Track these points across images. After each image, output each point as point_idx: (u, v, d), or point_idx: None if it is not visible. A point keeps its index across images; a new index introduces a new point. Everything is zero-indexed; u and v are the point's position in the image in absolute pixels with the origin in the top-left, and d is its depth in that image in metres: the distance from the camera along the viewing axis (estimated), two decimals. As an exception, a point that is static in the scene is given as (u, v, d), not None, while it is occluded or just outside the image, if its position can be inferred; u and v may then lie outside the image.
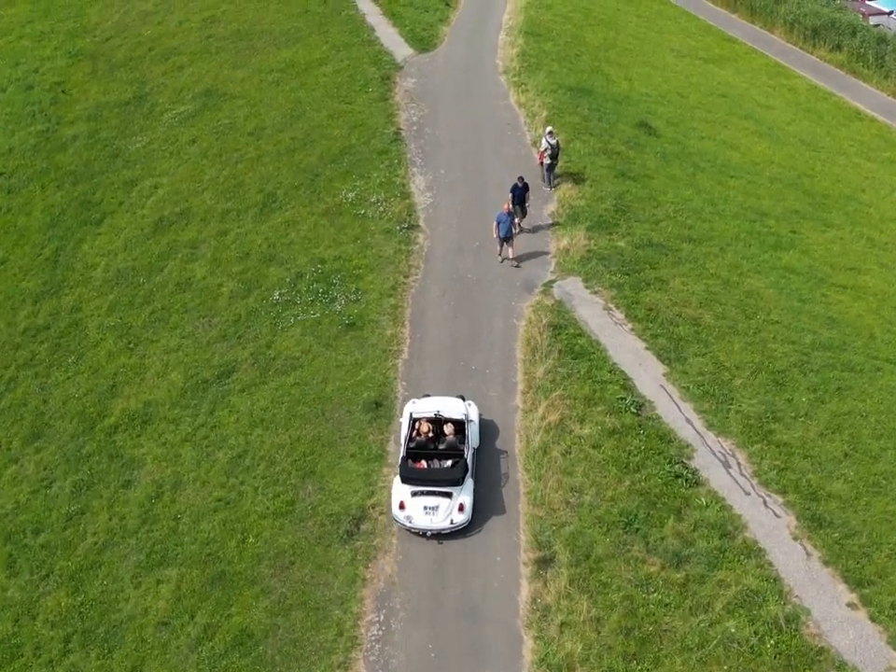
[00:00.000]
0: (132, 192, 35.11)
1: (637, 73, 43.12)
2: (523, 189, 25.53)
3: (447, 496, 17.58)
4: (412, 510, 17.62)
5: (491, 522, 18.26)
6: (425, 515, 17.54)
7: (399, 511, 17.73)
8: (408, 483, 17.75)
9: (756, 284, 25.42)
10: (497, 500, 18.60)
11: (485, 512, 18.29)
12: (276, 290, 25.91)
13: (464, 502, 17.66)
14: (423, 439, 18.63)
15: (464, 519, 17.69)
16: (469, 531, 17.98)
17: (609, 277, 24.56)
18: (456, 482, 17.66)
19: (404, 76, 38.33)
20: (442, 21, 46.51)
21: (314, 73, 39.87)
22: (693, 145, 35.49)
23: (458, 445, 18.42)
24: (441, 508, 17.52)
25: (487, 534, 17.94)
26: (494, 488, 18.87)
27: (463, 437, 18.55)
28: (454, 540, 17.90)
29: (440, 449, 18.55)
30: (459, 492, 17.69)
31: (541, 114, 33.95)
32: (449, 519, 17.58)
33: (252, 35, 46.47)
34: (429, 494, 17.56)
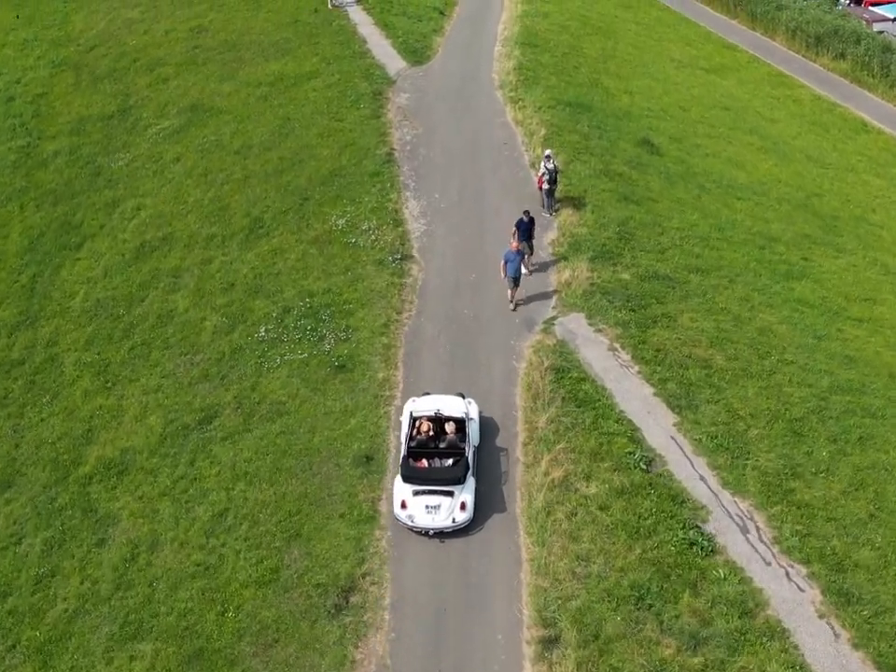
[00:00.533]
0: (113, 214, 33.68)
1: (638, 85, 41.75)
2: (529, 223, 24.14)
3: (449, 494, 17.60)
4: (413, 509, 17.62)
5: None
6: (427, 514, 17.56)
7: (401, 511, 17.71)
8: (409, 483, 17.73)
9: (768, 319, 24.07)
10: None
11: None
12: (262, 326, 24.51)
13: (466, 501, 17.68)
14: (423, 437, 18.58)
15: (466, 517, 17.70)
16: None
17: (613, 314, 23.19)
18: (458, 480, 17.69)
19: (397, 91, 36.91)
20: (436, 31, 45.12)
21: (303, 87, 38.45)
22: (697, 163, 34.14)
23: (459, 444, 18.41)
24: (443, 506, 17.57)
25: (486, 609, 16.56)
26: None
27: (464, 435, 18.51)
28: (452, 616, 16.54)
29: (440, 448, 18.51)
30: (461, 490, 17.71)
31: (539, 132, 32.57)
32: (451, 518, 17.62)
33: (240, 46, 45.04)
34: (431, 493, 17.58)
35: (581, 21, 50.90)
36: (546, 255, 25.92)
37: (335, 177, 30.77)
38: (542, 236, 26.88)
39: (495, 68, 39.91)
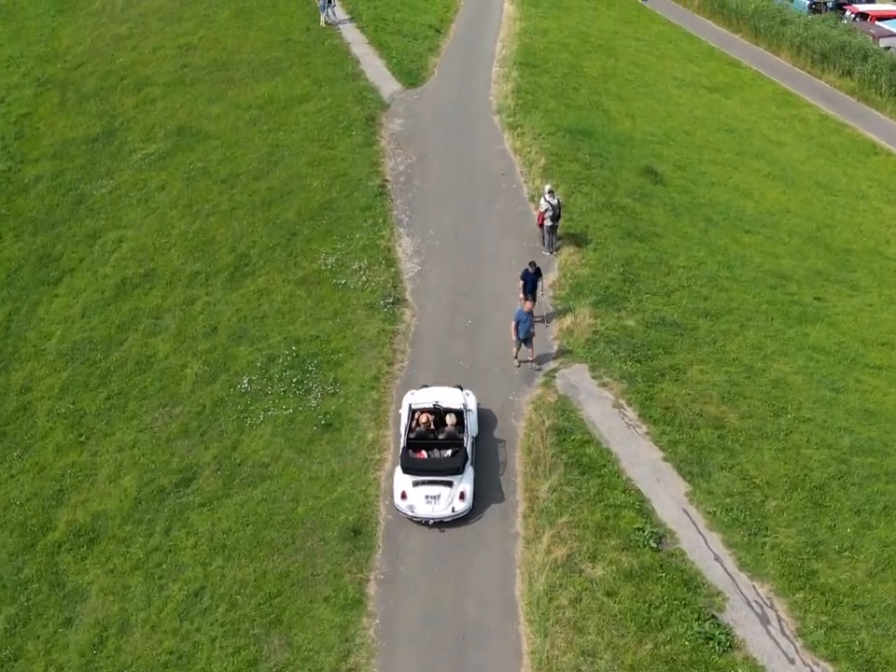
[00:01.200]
0: (94, 246, 32.25)
1: (640, 107, 40.38)
2: (535, 275, 22.66)
3: (448, 484, 17.90)
4: (413, 499, 17.90)
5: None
6: (426, 504, 17.85)
7: (402, 501, 17.97)
8: (409, 474, 18.05)
9: (783, 369, 22.65)
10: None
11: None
12: (245, 376, 23.07)
13: (465, 490, 17.98)
14: (423, 429, 18.84)
15: (465, 507, 18.00)
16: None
17: (618, 366, 21.76)
18: (457, 470, 17.99)
19: (391, 116, 35.50)
20: (432, 50, 43.75)
21: (294, 111, 37.04)
22: (702, 193, 32.74)
23: (458, 435, 18.67)
24: (443, 496, 17.86)
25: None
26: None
27: (462, 426, 18.80)
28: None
29: (439, 439, 18.75)
30: (460, 480, 18.01)
31: (539, 162, 31.18)
32: (451, 507, 17.90)
33: (230, 66, 43.64)
34: (431, 483, 17.89)
35: (581, 38, 49.57)
36: (547, 298, 24.44)
37: (325, 211, 29.36)
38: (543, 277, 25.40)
39: (492, 91, 38.52)
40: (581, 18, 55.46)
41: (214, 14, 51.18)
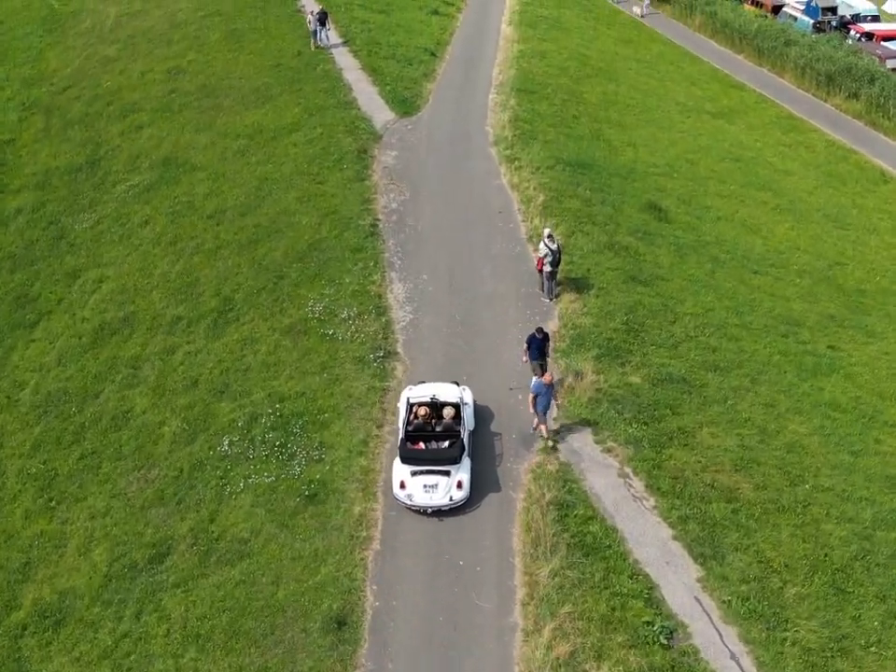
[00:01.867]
0: (73, 286, 30.89)
1: (642, 136, 39.08)
2: (543, 340, 21.09)
3: (446, 474, 18.29)
4: (412, 488, 18.28)
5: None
6: (424, 493, 18.22)
7: (400, 490, 18.34)
8: (407, 463, 18.44)
9: (798, 430, 21.26)
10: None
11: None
12: (226, 437, 21.66)
13: (462, 479, 18.36)
14: (421, 422, 19.27)
15: (462, 496, 18.37)
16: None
17: (623, 428, 20.36)
18: (454, 460, 18.41)
19: (383, 148, 34.17)
20: (427, 75, 42.45)
21: (283, 142, 35.71)
22: (708, 230, 31.39)
23: (455, 427, 19.09)
24: (441, 485, 18.25)
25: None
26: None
27: (459, 419, 19.21)
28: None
29: (437, 431, 19.18)
30: (457, 470, 18.41)
31: (538, 199, 29.84)
32: (448, 496, 18.28)
33: (219, 92, 42.33)
34: (429, 472, 18.26)
35: (581, 61, 48.33)
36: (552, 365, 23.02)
37: (314, 252, 28.00)
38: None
39: (489, 120, 37.21)
40: (581, 39, 54.26)
41: (204, 36, 49.94)
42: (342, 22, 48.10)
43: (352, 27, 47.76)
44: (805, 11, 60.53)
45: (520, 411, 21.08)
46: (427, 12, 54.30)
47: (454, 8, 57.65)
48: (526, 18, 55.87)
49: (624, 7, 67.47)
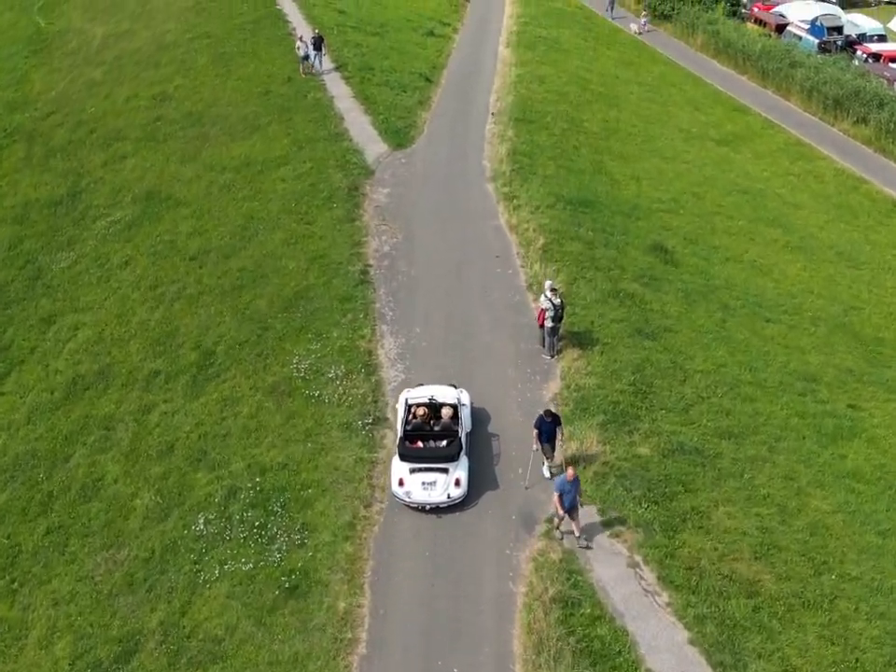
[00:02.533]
0: (48, 333, 29.31)
1: (645, 168, 37.52)
2: (552, 423, 19.26)
3: (444, 471, 18.54)
4: (410, 485, 18.55)
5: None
6: (423, 490, 18.48)
7: (399, 488, 18.61)
8: (406, 461, 18.72)
9: (820, 507, 19.65)
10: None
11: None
12: (202, 514, 20.02)
13: (460, 477, 18.62)
14: (419, 421, 19.55)
15: (460, 493, 18.62)
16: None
17: (632, 508, 18.74)
18: (452, 458, 18.67)
19: (375, 184, 32.58)
20: (422, 103, 40.89)
21: (271, 176, 34.11)
22: (717, 272, 29.80)
23: (453, 427, 19.34)
24: (439, 483, 18.50)
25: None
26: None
27: (457, 419, 19.50)
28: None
29: (435, 430, 19.46)
30: (455, 468, 18.66)
31: (537, 241, 28.27)
32: (446, 493, 18.51)
33: (205, 120, 40.78)
34: (427, 470, 18.52)
35: (581, 86, 46.80)
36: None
37: (300, 301, 26.38)
38: (543, 388, 22.45)
39: (486, 153, 35.65)
40: (580, 61, 52.77)
41: (192, 60, 48.41)
42: (334, 46, 46.55)
43: (345, 51, 46.23)
44: (810, 31, 59.04)
45: (518, 496, 19.44)
46: (423, 33, 52.86)
47: (450, 29, 56.23)
48: (524, 39, 54.40)
49: (622, 23, 66.09)
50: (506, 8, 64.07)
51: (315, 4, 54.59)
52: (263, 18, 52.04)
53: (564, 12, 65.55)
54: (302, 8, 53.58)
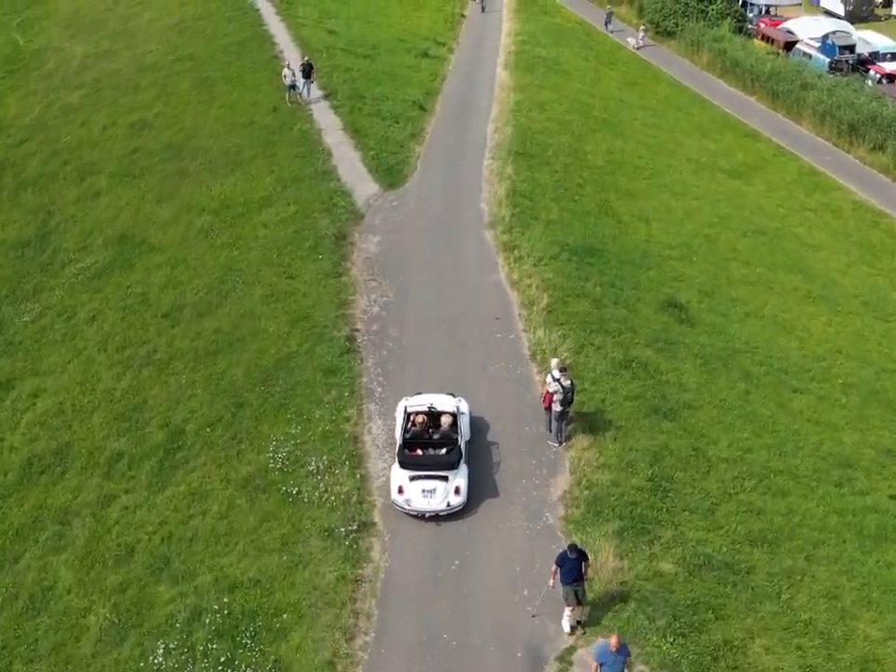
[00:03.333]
0: (6, 400, 26.87)
1: (654, 207, 35.06)
2: (578, 560, 16.08)
3: (444, 479, 18.44)
4: (410, 493, 18.44)
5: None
6: (423, 498, 18.36)
7: (398, 496, 18.49)
8: (406, 468, 18.57)
9: (869, 633, 17.19)
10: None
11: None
12: (162, 641, 17.49)
13: (460, 485, 18.50)
14: (418, 429, 19.48)
15: (460, 501, 18.50)
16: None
17: (655, 642, 16.27)
18: (452, 465, 18.55)
19: (365, 232, 30.10)
20: (415, 135, 38.42)
21: (252, 220, 31.60)
22: (737, 332, 27.33)
23: (452, 435, 19.26)
24: (439, 490, 18.40)
25: None
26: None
27: (456, 427, 19.38)
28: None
29: (434, 438, 19.38)
30: (455, 475, 18.52)
31: (541, 300, 25.84)
32: (446, 501, 18.40)
33: (185, 153, 38.28)
34: (427, 478, 18.41)
35: (583, 112, 44.36)
36: (556, 520, 18.89)
37: (280, 371, 23.85)
38: (550, 484, 19.98)
39: (484, 193, 33.19)
40: (582, 83, 50.34)
41: (173, 84, 45.92)
42: (323, 71, 44.06)
43: (334, 77, 43.72)
44: (821, 49, 56.64)
45: (524, 626, 16.92)
46: (417, 55, 50.41)
47: (445, 49, 53.78)
48: (523, 60, 51.98)
49: (620, 37, 63.91)
50: (503, 26, 61.72)
51: (304, 24, 52.11)
52: (249, 39, 49.54)
53: (563, 29, 63.20)
54: (291, 29, 51.09)
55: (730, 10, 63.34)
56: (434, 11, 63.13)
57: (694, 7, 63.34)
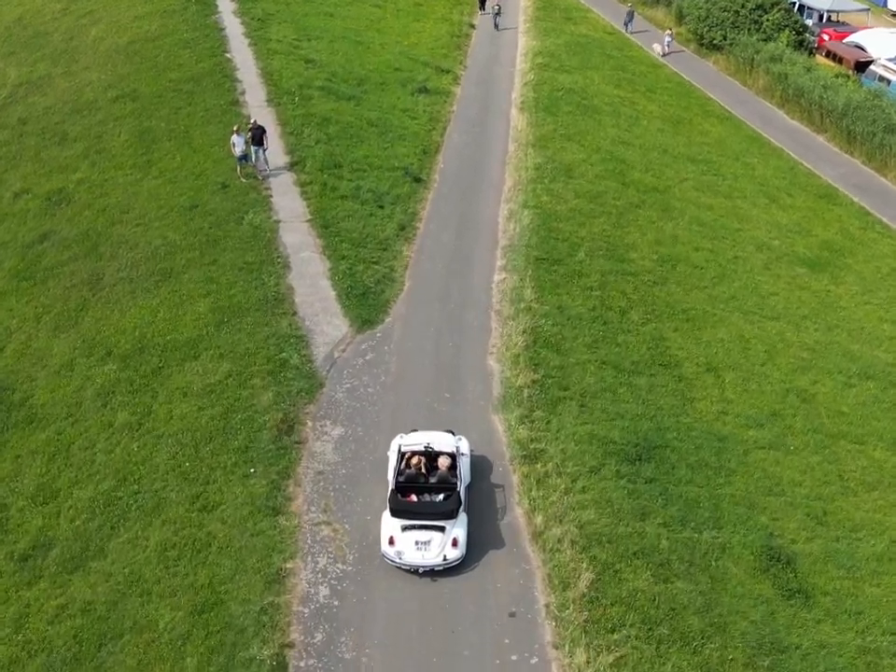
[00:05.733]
0: None
1: (723, 342, 25.84)
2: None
3: (440, 529, 16.78)
4: (402, 545, 16.74)
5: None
6: (416, 551, 16.72)
7: (389, 548, 16.77)
8: (398, 517, 16.85)
9: None
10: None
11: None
12: None
13: (458, 536, 16.84)
14: (413, 472, 17.64)
15: (458, 555, 16.85)
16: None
17: None
18: (450, 514, 16.87)
19: (322, 416, 21.11)
20: (404, 228, 29.25)
21: (169, 383, 22.63)
22: (873, 618, 17.97)
23: (451, 479, 17.45)
24: (434, 542, 16.76)
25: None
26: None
27: (455, 470, 17.56)
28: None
29: (431, 483, 17.52)
30: (453, 526, 16.86)
31: (579, 578, 16.72)
32: (442, 555, 16.73)
33: (104, 248, 29.32)
34: (421, 528, 16.76)
35: (620, 175, 34.97)
36: None
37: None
38: None
39: (493, 338, 23.87)
40: (617, 126, 40.72)
41: (108, 136, 36.71)
42: (292, 124, 34.66)
43: (305, 133, 34.32)
44: (904, 75, 46.66)
45: None
46: (413, 90, 40.92)
47: (449, 78, 44.20)
48: (544, 94, 42.41)
49: (641, 40, 54.91)
50: (520, 40, 51.97)
51: (277, 50, 42.52)
52: (206, 74, 40.05)
53: (590, 42, 53.38)
54: (260, 58, 41.57)
55: (788, 21, 53.25)
56: (438, 22, 53.42)
57: (746, 16, 53.31)
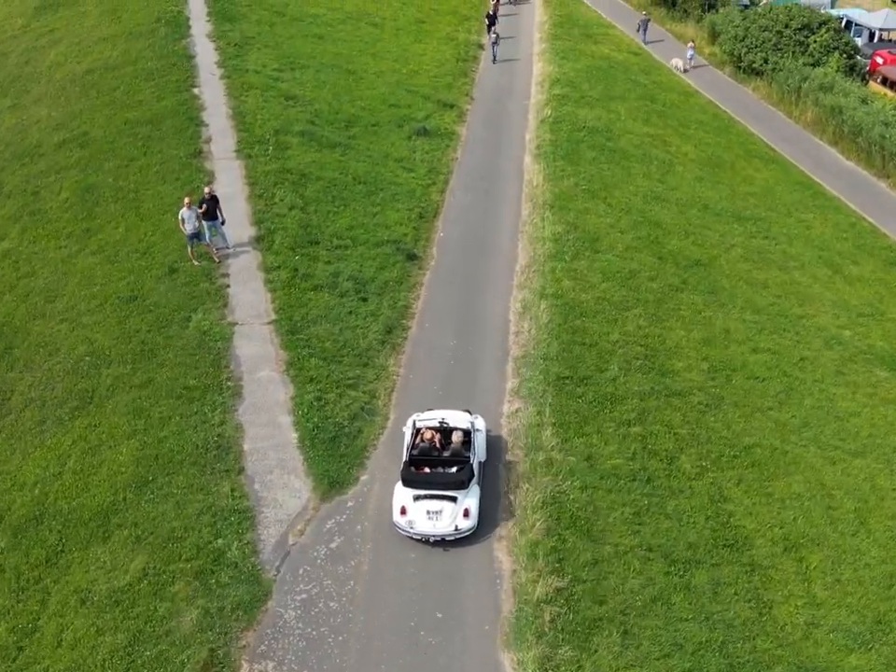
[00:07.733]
0: None
1: (802, 497, 20.22)
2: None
3: (452, 500, 16.67)
4: (414, 514, 16.64)
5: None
6: (427, 520, 16.62)
7: (401, 517, 16.67)
8: (410, 487, 16.77)
9: None
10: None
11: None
12: None
13: (469, 507, 16.71)
14: (427, 445, 17.62)
15: (470, 525, 16.74)
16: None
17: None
18: (461, 485, 16.72)
19: (263, 656, 15.52)
20: (391, 331, 23.54)
21: (70, 575, 17.66)
22: None
23: (464, 453, 17.39)
24: (446, 512, 16.64)
25: None
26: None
27: (469, 445, 17.53)
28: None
29: (444, 456, 17.43)
30: (464, 496, 16.76)
31: None
32: (454, 524, 16.63)
33: (18, 351, 24.16)
34: (433, 497, 16.65)
35: (655, 246, 29.14)
36: None
37: None
38: None
39: (502, 509, 17.96)
40: (648, 177, 34.75)
41: (47, 191, 31.06)
42: (262, 183, 28.80)
43: (277, 195, 28.49)
44: (976, 110, 40.45)
45: None
46: (411, 132, 34.89)
47: (453, 114, 38.18)
48: (563, 134, 36.43)
49: (657, 51, 49.22)
50: (535, 63, 45.84)
51: (253, 84, 36.61)
52: (168, 114, 34.16)
53: (614, 66, 47.29)
54: (232, 94, 35.64)
55: (838, 42, 47.04)
56: (442, 42, 47.44)
57: (790, 37, 47.15)
